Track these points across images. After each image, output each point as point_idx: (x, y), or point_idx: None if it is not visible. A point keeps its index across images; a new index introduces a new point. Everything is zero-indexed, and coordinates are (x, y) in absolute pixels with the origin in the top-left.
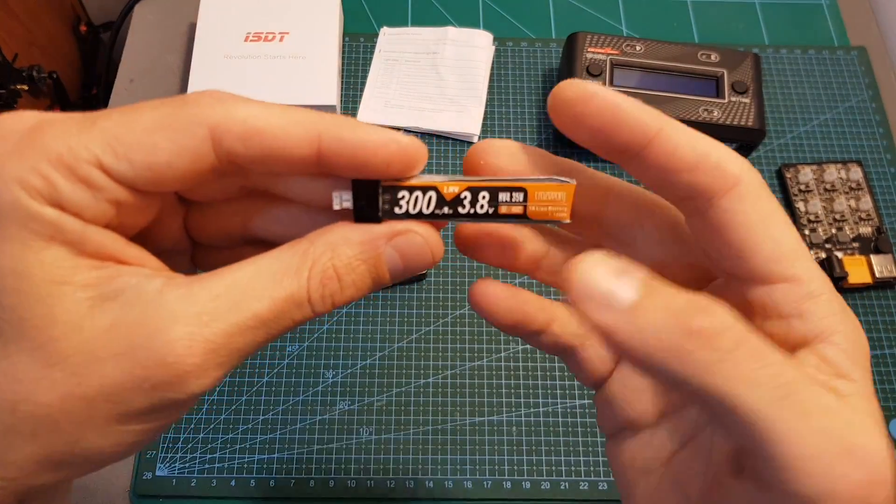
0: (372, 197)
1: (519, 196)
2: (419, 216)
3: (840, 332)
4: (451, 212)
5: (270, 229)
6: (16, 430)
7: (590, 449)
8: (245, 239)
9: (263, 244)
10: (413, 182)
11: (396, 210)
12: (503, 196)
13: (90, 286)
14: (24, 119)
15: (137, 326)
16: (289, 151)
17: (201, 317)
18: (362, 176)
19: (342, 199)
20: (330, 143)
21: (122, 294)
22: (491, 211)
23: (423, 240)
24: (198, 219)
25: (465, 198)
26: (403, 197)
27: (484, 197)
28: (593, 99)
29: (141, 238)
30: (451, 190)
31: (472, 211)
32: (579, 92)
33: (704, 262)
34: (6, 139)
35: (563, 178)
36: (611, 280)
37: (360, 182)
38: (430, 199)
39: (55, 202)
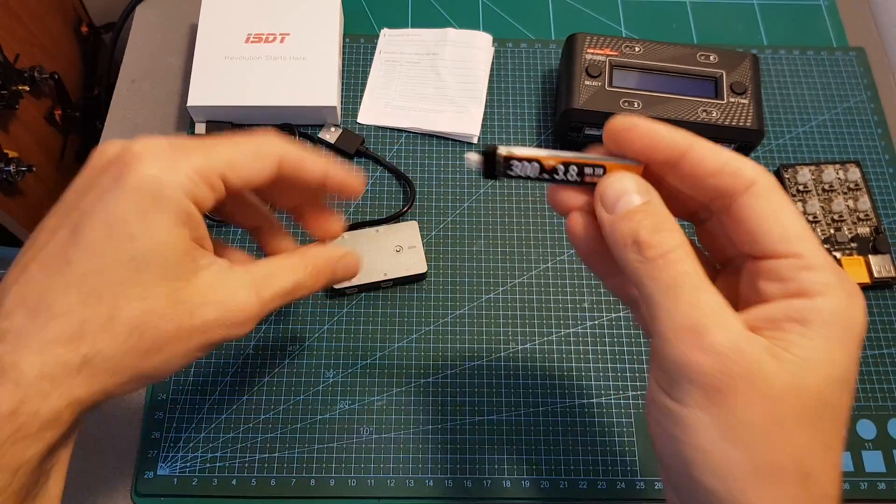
0: (491, 163)
1: (600, 171)
2: (527, 178)
3: (826, 296)
4: (548, 177)
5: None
6: (136, 349)
7: (589, 448)
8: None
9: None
10: (523, 154)
11: (509, 172)
12: (588, 170)
13: (199, 256)
14: (160, 141)
15: (225, 286)
16: (307, 176)
17: (258, 285)
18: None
19: (475, 163)
20: (290, 170)
21: (213, 265)
22: (578, 179)
23: (356, 261)
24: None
25: (560, 169)
26: (515, 165)
27: (573, 169)
28: (636, 126)
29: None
30: (549, 163)
31: (563, 178)
32: (627, 123)
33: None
34: (161, 154)
35: (633, 160)
36: (631, 190)
37: (487, 153)
38: (534, 166)
39: (193, 199)
